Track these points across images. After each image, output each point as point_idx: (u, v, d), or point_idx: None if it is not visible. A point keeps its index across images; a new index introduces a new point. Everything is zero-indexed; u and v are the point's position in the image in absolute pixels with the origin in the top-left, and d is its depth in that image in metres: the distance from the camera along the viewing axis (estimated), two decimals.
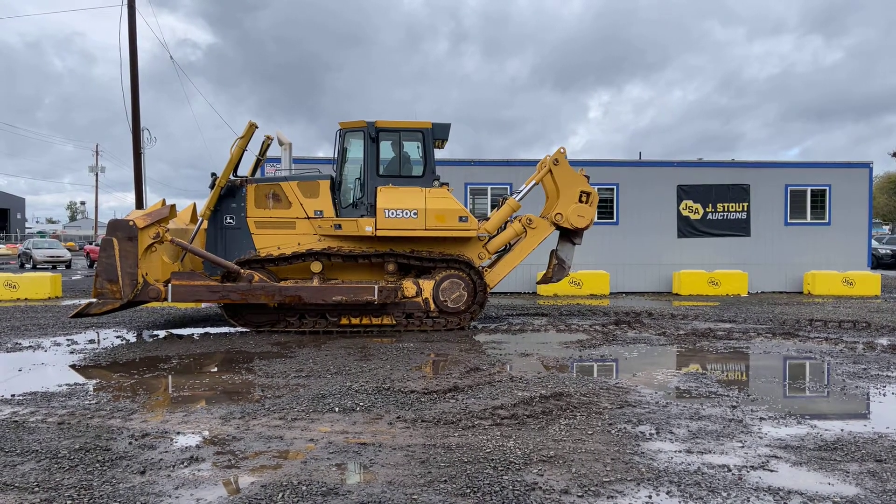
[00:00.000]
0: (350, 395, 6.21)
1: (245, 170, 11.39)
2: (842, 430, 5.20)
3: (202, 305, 14.79)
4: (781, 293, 18.16)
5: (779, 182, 18.52)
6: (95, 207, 67.52)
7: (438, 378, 7.03)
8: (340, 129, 10.95)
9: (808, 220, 18.58)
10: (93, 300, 9.94)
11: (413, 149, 11.11)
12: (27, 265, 31.68)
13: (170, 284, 9.94)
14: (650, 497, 3.84)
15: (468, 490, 3.92)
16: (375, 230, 10.39)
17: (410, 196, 10.51)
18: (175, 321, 11.98)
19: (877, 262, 28.42)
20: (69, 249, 40.76)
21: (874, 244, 29.25)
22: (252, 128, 10.69)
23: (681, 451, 4.66)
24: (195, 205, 12.00)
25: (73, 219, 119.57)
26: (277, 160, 13.50)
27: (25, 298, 16.08)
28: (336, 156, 11.01)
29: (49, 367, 7.83)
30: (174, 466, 4.32)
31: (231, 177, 10.77)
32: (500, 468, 4.27)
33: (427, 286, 10.67)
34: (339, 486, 3.97)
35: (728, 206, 18.42)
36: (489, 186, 17.97)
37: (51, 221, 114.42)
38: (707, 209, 18.42)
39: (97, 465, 4.32)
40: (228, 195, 10.79)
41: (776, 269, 18.58)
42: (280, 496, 3.81)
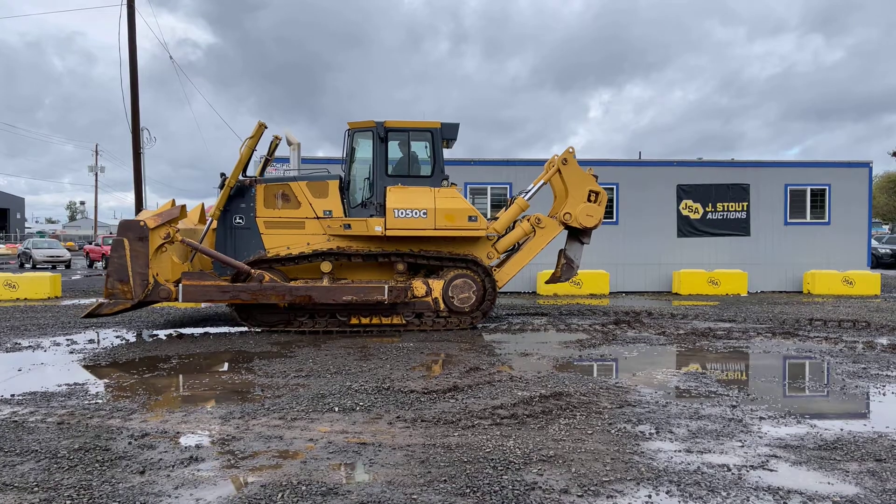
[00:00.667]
0: (350, 395, 6.20)
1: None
2: (841, 430, 5.20)
3: (202, 305, 14.78)
4: (781, 293, 18.17)
5: (778, 181, 18.52)
6: (95, 207, 67.54)
7: (438, 378, 7.03)
8: (349, 129, 10.96)
9: (808, 220, 18.58)
10: (104, 301, 9.95)
11: (420, 148, 11.13)
12: (27, 265, 31.68)
13: (180, 285, 9.95)
14: (650, 496, 3.84)
15: (468, 490, 3.92)
16: (385, 230, 10.40)
17: (420, 196, 10.52)
18: (175, 321, 11.97)
19: (876, 262, 28.42)
20: (69, 249, 40.78)
21: (874, 244, 29.25)
22: (261, 128, 10.70)
23: (680, 451, 4.66)
24: (203, 205, 12.02)
25: (73, 219, 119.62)
26: (285, 160, 13.47)
27: (25, 298, 16.08)
28: (344, 156, 11.04)
29: (49, 367, 7.83)
30: (174, 466, 4.32)
31: (240, 177, 10.78)
32: (500, 468, 4.27)
33: (437, 286, 10.69)
34: (339, 486, 3.97)
35: (728, 206, 18.42)
36: (489, 186, 17.97)
37: (50, 221, 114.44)
38: (707, 209, 18.42)
39: (97, 465, 4.32)
40: (238, 195, 10.80)
41: (776, 269, 18.58)
42: (280, 496, 3.81)
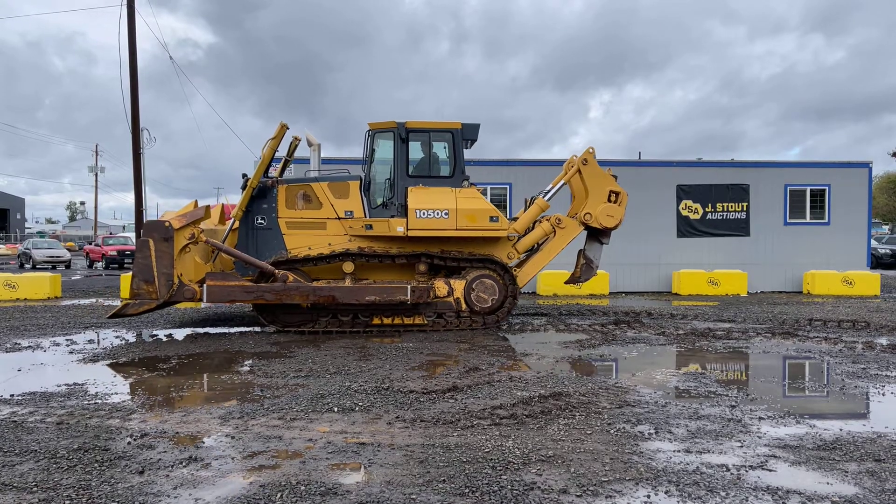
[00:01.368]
0: (349, 395, 6.21)
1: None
2: (841, 430, 5.20)
3: (202, 305, 14.78)
4: (781, 293, 18.17)
5: (778, 182, 18.52)
6: (95, 208, 67.54)
7: (437, 378, 7.03)
8: (370, 130, 11.01)
9: (808, 220, 18.59)
10: (129, 301, 9.98)
11: (441, 149, 11.17)
12: (27, 265, 31.69)
13: (205, 285, 9.98)
14: (648, 497, 3.84)
15: (467, 490, 3.92)
16: (407, 230, 10.42)
17: (441, 196, 10.56)
18: (174, 321, 11.98)
19: (876, 262, 28.42)
20: (69, 249, 40.77)
21: (874, 244, 29.25)
22: (283, 129, 10.75)
23: (679, 451, 4.66)
24: (223, 206, 12.05)
25: (73, 219, 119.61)
26: (305, 161, 13.44)
27: (25, 298, 16.08)
28: (365, 156, 11.09)
29: (48, 367, 7.83)
30: (173, 466, 4.32)
31: (262, 178, 10.80)
32: (499, 468, 4.27)
33: (458, 286, 10.71)
34: (338, 486, 3.97)
35: (727, 206, 18.42)
36: (489, 186, 17.97)
37: (50, 221, 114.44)
38: (706, 209, 18.43)
39: (96, 465, 4.32)
40: (260, 196, 10.82)
41: (776, 269, 18.58)
42: (279, 496, 3.81)
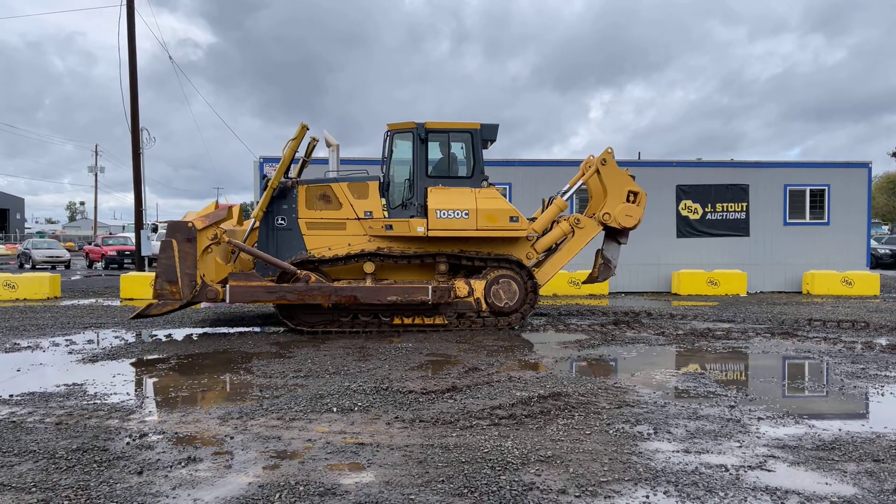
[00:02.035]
0: (348, 396, 6.20)
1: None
2: (840, 430, 5.20)
3: (202, 306, 14.78)
4: (780, 293, 18.17)
5: (778, 182, 18.52)
6: (95, 208, 67.52)
7: (437, 378, 7.03)
8: (388, 130, 11.04)
9: (808, 220, 18.58)
10: (153, 302, 10.03)
11: (457, 149, 11.19)
12: (26, 265, 31.68)
13: (228, 285, 10.02)
14: (647, 497, 3.84)
15: (465, 490, 3.92)
16: (427, 230, 10.44)
17: (461, 196, 10.58)
18: (174, 322, 11.97)
19: (876, 262, 28.41)
20: (68, 250, 40.76)
21: (873, 244, 29.25)
22: (304, 129, 10.80)
23: (678, 451, 4.66)
24: (240, 207, 12.07)
25: (73, 219, 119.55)
26: (323, 161, 13.41)
27: (24, 299, 16.08)
28: (384, 156, 11.11)
29: (47, 368, 7.83)
30: (172, 467, 4.32)
31: (282, 178, 10.82)
32: (498, 468, 4.27)
33: (478, 286, 10.73)
34: (337, 487, 3.97)
35: (727, 206, 18.42)
36: None
37: (50, 222, 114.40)
38: (706, 209, 18.42)
39: (94, 466, 4.32)
40: (280, 196, 10.84)
41: (775, 269, 18.58)
42: (277, 496, 3.81)
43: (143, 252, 20.45)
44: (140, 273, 18.30)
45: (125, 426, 5.26)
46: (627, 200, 11.31)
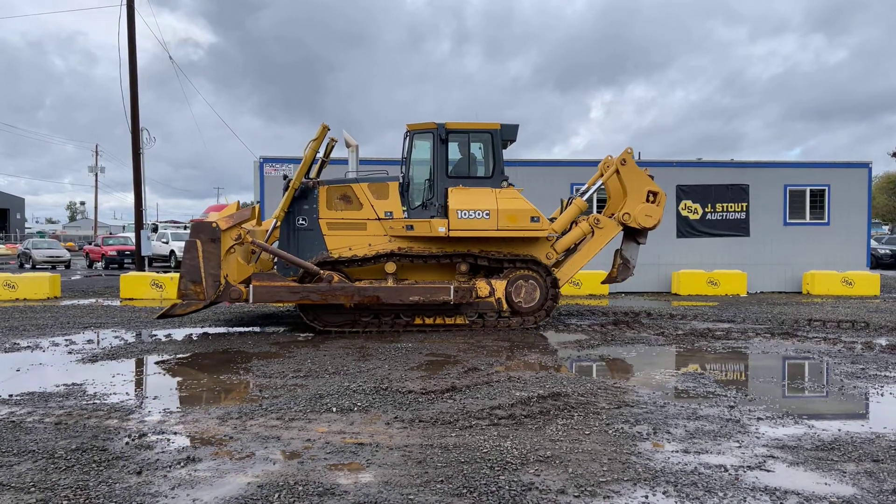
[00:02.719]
0: (348, 396, 6.20)
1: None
2: (839, 430, 5.20)
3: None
4: (780, 293, 18.16)
5: (778, 182, 18.51)
6: (95, 208, 67.57)
7: (436, 378, 7.03)
8: (408, 131, 11.08)
9: (808, 220, 18.57)
10: (177, 302, 10.07)
11: (476, 149, 11.22)
12: (26, 265, 31.69)
13: (251, 285, 10.05)
14: (646, 497, 3.84)
15: (464, 490, 3.92)
16: (448, 231, 10.45)
17: (482, 197, 10.60)
18: (173, 322, 11.97)
19: (876, 262, 28.40)
20: (69, 250, 40.72)
21: (873, 244, 29.23)
22: (325, 130, 10.85)
23: (678, 451, 4.66)
24: (255, 207, 12.09)
25: (73, 219, 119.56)
26: (342, 162, 13.40)
27: (24, 299, 16.08)
28: (403, 157, 11.14)
29: (47, 368, 7.83)
30: (171, 467, 4.32)
31: (303, 179, 10.84)
32: (497, 468, 4.27)
33: (499, 286, 10.75)
34: (336, 487, 3.97)
35: (727, 207, 18.41)
36: None
37: (50, 221, 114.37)
38: (706, 209, 18.42)
39: (94, 466, 4.32)
40: (301, 197, 10.89)
41: (775, 269, 18.57)
42: (277, 496, 3.81)
43: (143, 252, 20.44)
44: (140, 273, 18.28)
45: (124, 426, 5.26)
46: (647, 200, 11.34)
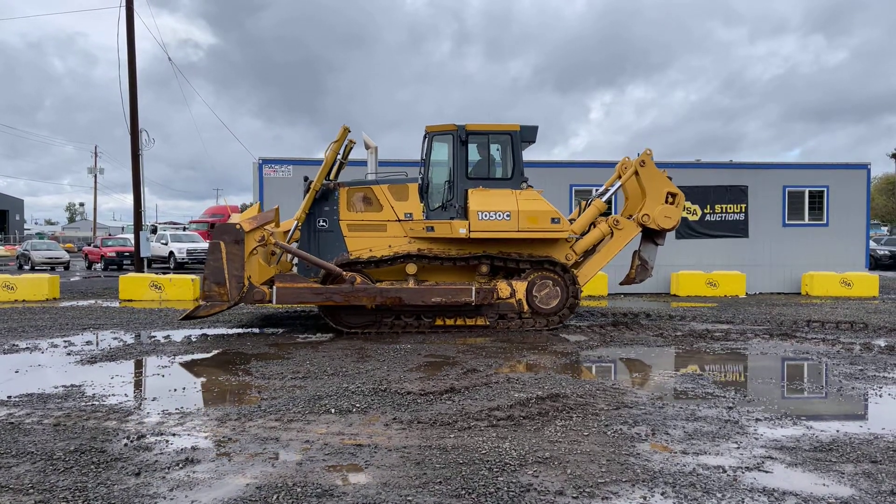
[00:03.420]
0: (347, 397, 6.20)
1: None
2: (837, 431, 5.21)
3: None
4: (779, 294, 18.17)
5: (777, 183, 18.52)
6: (94, 209, 67.52)
7: (435, 379, 7.03)
8: (428, 133, 11.11)
9: (806, 222, 18.58)
10: (201, 303, 10.10)
11: (494, 151, 11.25)
12: (25, 266, 31.67)
13: (274, 287, 10.08)
14: (645, 498, 3.84)
15: (463, 491, 3.92)
16: (469, 232, 10.47)
17: (502, 198, 10.62)
18: (172, 324, 11.97)
19: (875, 263, 28.42)
20: (68, 251, 40.68)
21: (872, 245, 29.26)
22: (345, 132, 10.88)
23: (676, 453, 4.66)
24: (278, 209, 12.11)
25: (72, 220, 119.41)
26: (361, 163, 13.40)
27: (23, 300, 16.07)
28: (422, 158, 11.19)
29: (46, 369, 7.83)
30: (169, 468, 4.32)
31: (324, 180, 10.87)
32: (496, 469, 4.27)
33: (520, 287, 10.77)
34: (335, 488, 3.97)
35: (726, 208, 18.42)
36: None
37: (49, 223, 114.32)
38: (705, 210, 18.43)
39: (92, 467, 4.32)
40: (322, 198, 10.92)
41: (774, 270, 18.58)
42: (275, 498, 3.81)
43: (143, 253, 20.43)
44: (139, 274, 18.27)
45: (123, 427, 5.26)
46: (665, 202, 11.38)
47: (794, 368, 8.10)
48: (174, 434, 5.08)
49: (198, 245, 30.79)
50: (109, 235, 46.34)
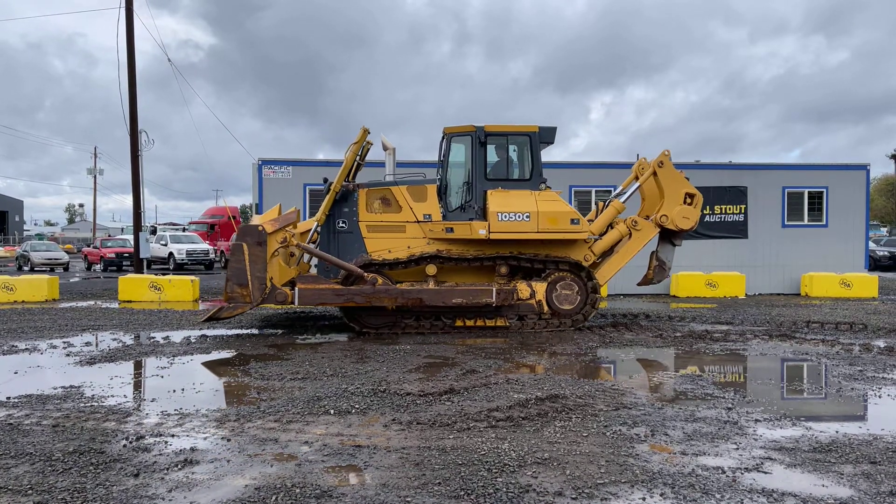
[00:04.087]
0: (346, 398, 6.20)
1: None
2: (836, 432, 5.21)
3: (200, 307, 14.76)
4: (779, 295, 18.18)
5: (776, 184, 18.52)
6: (94, 210, 67.54)
7: (434, 380, 7.03)
8: (446, 134, 11.13)
9: (806, 222, 18.59)
10: (224, 305, 10.13)
11: (512, 152, 11.25)
12: (25, 267, 31.66)
13: (296, 288, 10.12)
14: (644, 499, 3.84)
15: (462, 492, 3.91)
16: (489, 233, 10.48)
17: (521, 199, 10.63)
18: (171, 324, 11.96)
19: (874, 264, 28.42)
20: (67, 252, 40.67)
21: (871, 246, 29.25)
22: (365, 133, 10.92)
23: (675, 453, 4.66)
24: (298, 210, 12.12)
25: (72, 221, 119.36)
26: (379, 164, 13.41)
27: (22, 301, 16.06)
28: (440, 159, 11.20)
29: (45, 370, 7.82)
30: (168, 469, 4.31)
31: (343, 182, 10.88)
32: (495, 470, 4.27)
33: (540, 288, 10.78)
34: (333, 489, 3.97)
35: (725, 209, 18.42)
36: None
37: (49, 224, 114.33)
38: (704, 211, 18.41)
39: (91, 468, 4.32)
40: (341, 200, 10.95)
41: (774, 271, 18.58)
42: (274, 499, 3.81)
43: (142, 254, 20.42)
44: (139, 276, 18.25)
45: (122, 428, 5.26)
46: (683, 202, 11.36)
47: (794, 369, 8.10)
48: (173, 435, 5.08)
49: (197, 246, 30.78)
50: (109, 236, 46.33)
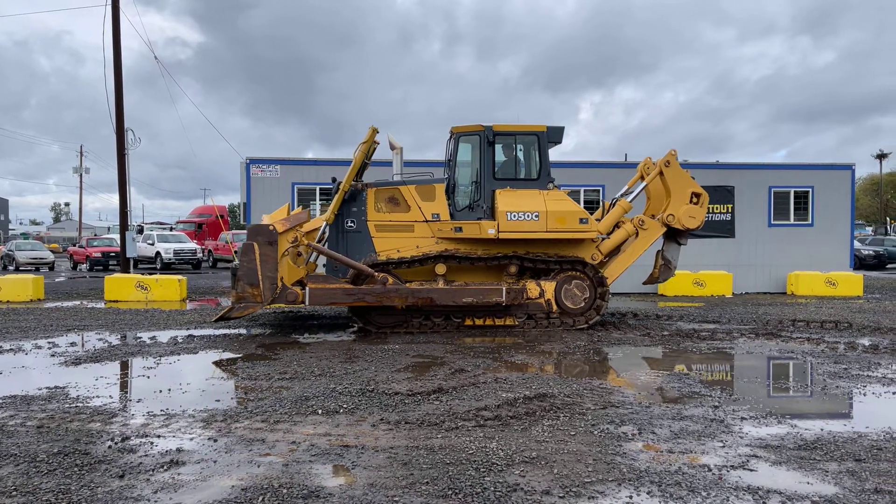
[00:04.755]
0: (334, 397, 6.18)
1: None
2: (822, 430, 5.25)
3: (188, 307, 14.68)
4: (765, 294, 18.32)
5: (762, 184, 18.67)
6: (80, 209, 66.82)
7: (423, 380, 7.02)
8: (454, 134, 11.12)
9: (792, 222, 18.75)
10: (235, 304, 10.06)
11: (527, 152, 11.26)
12: (10, 267, 31.36)
13: (307, 288, 10.09)
14: (631, 497, 3.85)
15: (450, 491, 3.91)
16: (498, 233, 10.47)
17: (530, 199, 10.64)
18: (158, 324, 11.88)
19: (859, 263, 28.72)
20: (52, 251, 40.30)
21: (857, 245, 29.55)
22: (373, 133, 10.90)
23: (662, 452, 4.68)
24: (308, 210, 12.06)
25: (58, 220, 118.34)
26: (387, 164, 13.35)
27: (7, 301, 15.90)
28: (448, 159, 11.19)
29: (29, 371, 7.75)
30: (154, 470, 4.28)
31: (352, 181, 10.84)
32: (483, 469, 4.28)
33: (549, 287, 10.80)
34: (321, 489, 3.96)
35: (712, 208, 18.52)
36: None
37: (34, 223, 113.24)
38: None
39: (76, 469, 4.28)
40: (350, 199, 10.93)
41: (760, 270, 18.73)
42: (261, 499, 3.79)
43: (128, 254, 20.25)
44: (125, 275, 18.12)
45: (107, 429, 5.22)
46: (690, 202, 11.43)
47: (780, 367, 8.16)
48: (159, 436, 5.05)
49: (185, 245, 30.59)
50: (95, 235, 45.95)
